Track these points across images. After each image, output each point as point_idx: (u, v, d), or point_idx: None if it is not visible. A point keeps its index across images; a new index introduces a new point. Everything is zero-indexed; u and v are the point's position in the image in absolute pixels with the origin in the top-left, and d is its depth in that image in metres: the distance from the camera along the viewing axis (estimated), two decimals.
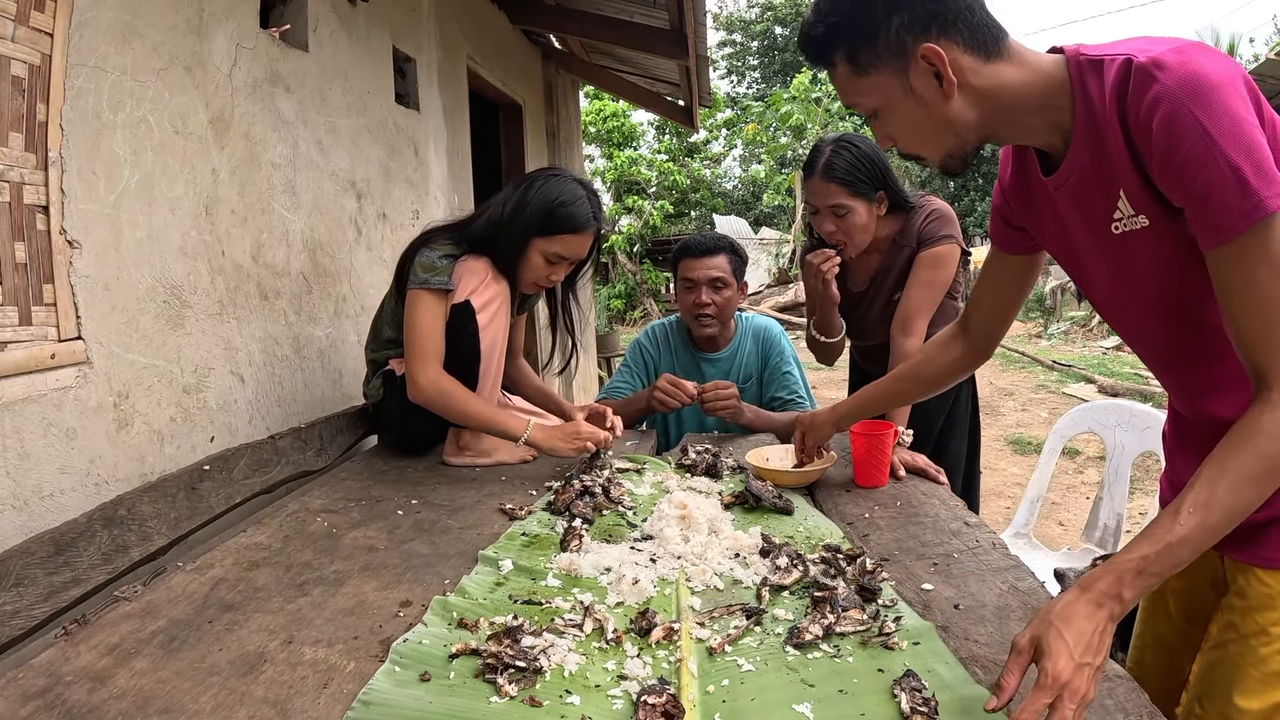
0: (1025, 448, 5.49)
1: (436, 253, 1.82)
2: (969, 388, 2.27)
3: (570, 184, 1.87)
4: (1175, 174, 0.86)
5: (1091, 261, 1.09)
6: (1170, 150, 0.84)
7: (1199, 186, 0.84)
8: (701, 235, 2.35)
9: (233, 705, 0.89)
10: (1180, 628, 1.21)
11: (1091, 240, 1.04)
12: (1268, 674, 1.00)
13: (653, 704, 0.84)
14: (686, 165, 18.91)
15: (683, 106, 6.09)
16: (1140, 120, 0.87)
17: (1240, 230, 0.82)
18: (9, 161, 1.27)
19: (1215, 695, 1.05)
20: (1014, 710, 0.79)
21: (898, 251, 2.06)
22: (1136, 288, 1.04)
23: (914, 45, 0.96)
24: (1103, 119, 0.92)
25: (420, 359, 1.77)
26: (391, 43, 2.79)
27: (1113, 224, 0.98)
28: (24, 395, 1.31)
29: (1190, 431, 1.14)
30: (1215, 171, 0.82)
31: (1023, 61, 0.99)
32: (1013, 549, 1.29)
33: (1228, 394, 1.03)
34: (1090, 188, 0.99)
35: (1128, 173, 0.92)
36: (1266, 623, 1.01)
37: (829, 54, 1.03)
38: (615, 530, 1.43)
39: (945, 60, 0.95)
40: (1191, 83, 0.82)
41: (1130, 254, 0.99)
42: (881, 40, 0.97)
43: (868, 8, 0.97)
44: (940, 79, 0.97)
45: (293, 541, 1.39)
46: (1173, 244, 0.94)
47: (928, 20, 0.96)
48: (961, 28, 0.96)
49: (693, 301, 2.27)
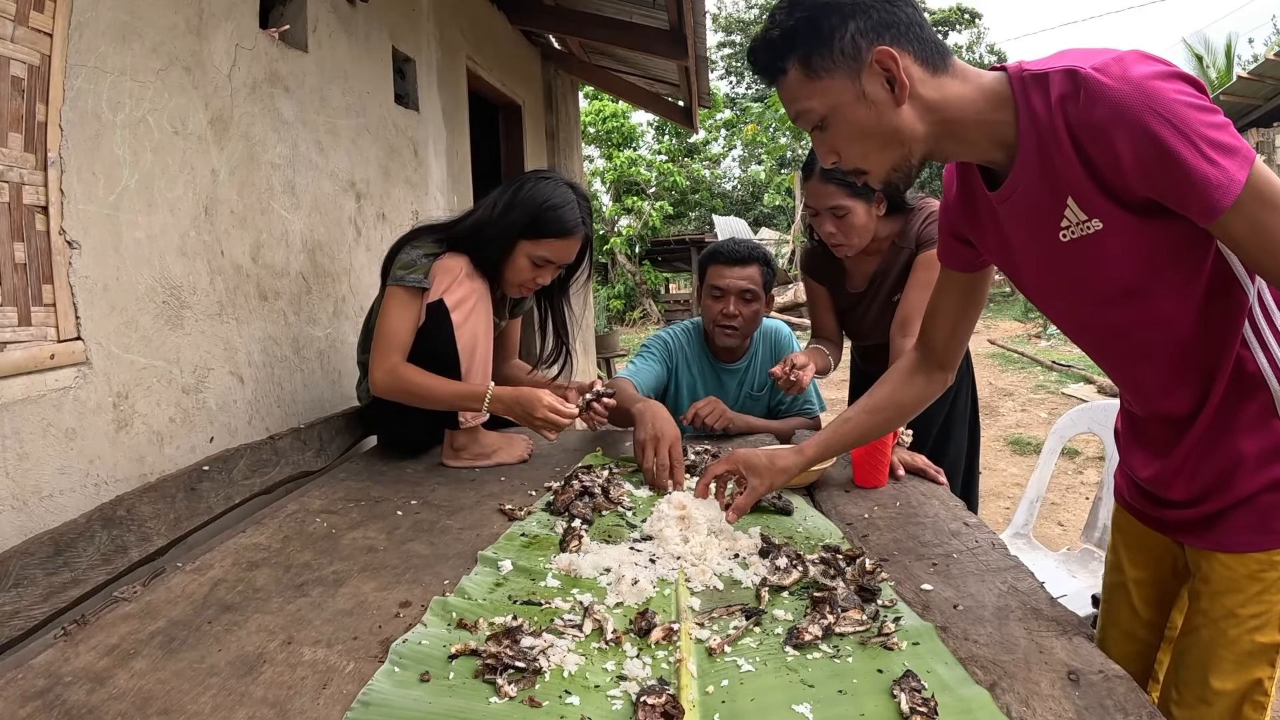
0: (1024, 448, 5.49)
1: (418, 251, 1.81)
2: (969, 388, 2.27)
3: (560, 188, 1.86)
4: (1148, 174, 0.88)
5: (1038, 271, 1.11)
6: (1143, 150, 0.87)
7: (1174, 180, 0.87)
8: (735, 243, 2.28)
9: (232, 706, 0.89)
10: (1145, 617, 1.25)
11: (1038, 250, 1.06)
12: (1240, 654, 1.04)
13: (652, 704, 0.84)
14: (686, 166, 18.92)
15: (682, 107, 6.09)
16: (1093, 127, 0.90)
17: (1226, 205, 0.86)
18: (9, 162, 1.27)
19: (1191, 680, 1.09)
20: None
21: (896, 253, 2.06)
22: (1087, 292, 1.06)
23: (868, 49, 0.99)
24: (1048, 130, 0.95)
25: (381, 353, 1.77)
26: (391, 43, 2.79)
27: (1060, 232, 1.01)
28: (23, 396, 1.30)
29: (1143, 427, 1.17)
30: (1185, 162, 0.85)
31: (966, 78, 1.02)
32: (1012, 549, 1.29)
33: (1178, 390, 1.06)
34: (1036, 199, 1.01)
35: (1078, 180, 0.95)
36: (1234, 605, 1.04)
37: (784, 58, 1.04)
38: (615, 531, 1.43)
39: (899, 63, 0.98)
40: (1140, 86, 0.86)
41: (1080, 260, 1.02)
42: (836, 44, 1.00)
43: (825, 13, 1.00)
44: (893, 84, 0.99)
45: (292, 542, 1.39)
46: (1129, 242, 0.97)
47: (881, 28, 0.99)
48: (913, 39, 1.00)
49: (720, 311, 2.22)
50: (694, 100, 5.62)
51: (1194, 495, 1.09)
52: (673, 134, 19.74)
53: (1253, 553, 1.03)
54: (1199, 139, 0.85)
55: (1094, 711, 0.83)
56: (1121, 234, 0.96)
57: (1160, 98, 0.85)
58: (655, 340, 2.41)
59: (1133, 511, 1.24)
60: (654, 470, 1.68)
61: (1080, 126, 0.91)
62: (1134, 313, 1.03)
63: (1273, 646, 1.03)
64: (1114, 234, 0.97)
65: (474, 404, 1.77)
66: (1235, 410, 1.02)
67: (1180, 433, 1.08)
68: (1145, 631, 1.25)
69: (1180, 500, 1.11)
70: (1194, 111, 0.85)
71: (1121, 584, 1.27)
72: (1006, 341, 9.97)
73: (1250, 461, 1.02)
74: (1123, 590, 1.27)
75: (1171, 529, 1.16)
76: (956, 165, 1.17)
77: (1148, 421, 1.15)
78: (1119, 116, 0.87)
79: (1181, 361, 1.04)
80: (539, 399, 1.75)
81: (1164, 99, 0.85)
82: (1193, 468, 1.08)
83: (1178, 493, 1.11)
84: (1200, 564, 1.10)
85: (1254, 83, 10.33)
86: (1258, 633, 1.03)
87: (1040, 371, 8.30)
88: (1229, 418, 1.03)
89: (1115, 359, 1.14)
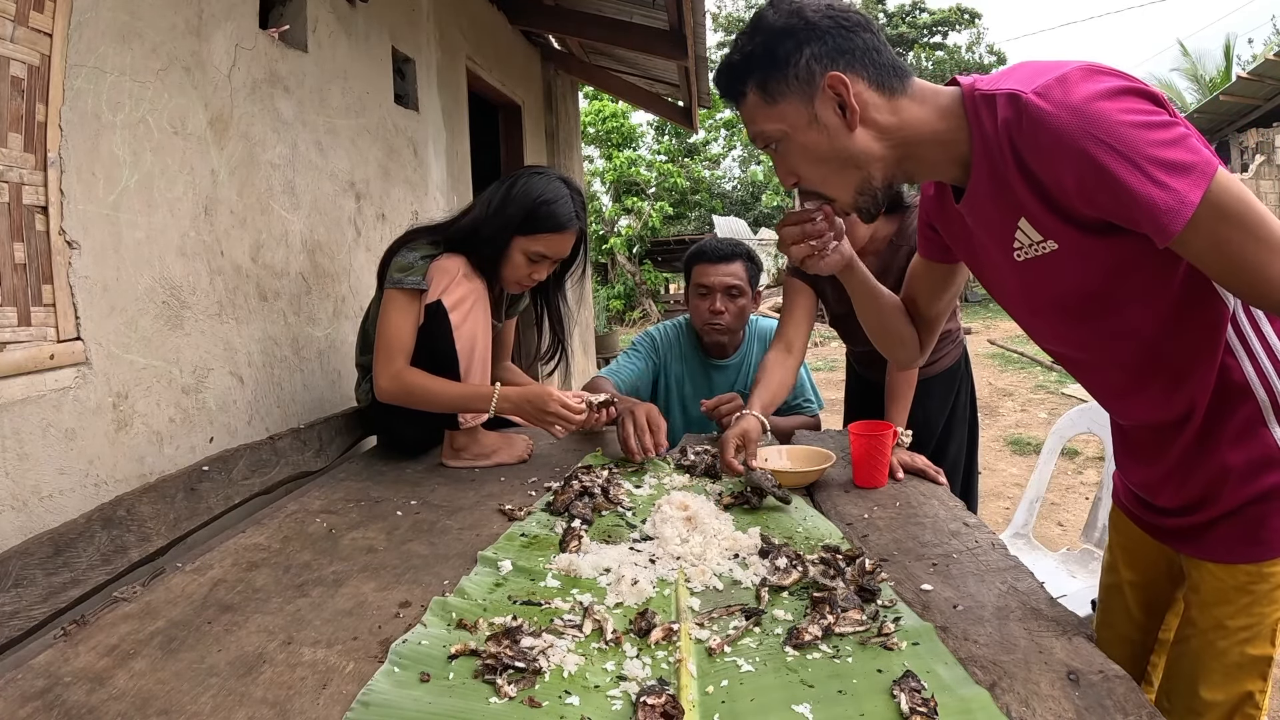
0: (1024, 448, 5.49)
1: (415, 253, 1.81)
2: (968, 388, 2.27)
3: (554, 182, 1.86)
4: (1099, 198, 0.86)
5: (1001, 285, 1.11)
6: (1086, 178, 0.85)
7: (1123, 205, 0.85)
8: (717, 241, 2.32)
9: (232, 706, 0.89)
10: (1139, 621, 1.25)
11: (1000, 263, 1.06)
12: (1229, 666, 1.03)
13: (652, 705, 0.84)
14: (686, 166, 18.91)
15: (682, 107, 6.10)
16: (1038, 151, 0.89)
17: (1178, 229, 0.83)
18: (8, 162, 1.27)
19: (1181, 690, 1.08)
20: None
21: (894, 252, 2.06)
22: (1048, 307, 1.06)
23: (821, 75, 1.00)
24: (997, 152, 0.94)
25: (384, 358, 1.77)
26: (391, 43, 2.79)
27: (1014, 252, 1.01)
28: (23, 396, 1.30)
29: (1130, 434, 1.16)
30: (1129, 188, 0.83)
31: (924, 99, 1.02)
32: (1012, 549, 1.29)
33: (1158, 401, 1.05)
34: (991, 217, 1.02)
35: (1029, 202, 0.94)
36: (1222, 616, 1.04)
37: (743, 82, 1.06)
38: (614, 531, 1.43)
39: (849, 89, 0.99)
40: (1079, 111, 0.84)
41: (1035, 278, 1.02)
42: (791, 69, 1.01)
43: (782, 39, 1.01)
44: (844, 110, 1.00)
45: (292, 542, 1.39)
46: (1085, 263, 0.96)
47: (836, 55, 1.00)
48: (868, 64, 1.01)
49: (707, 309, 2.24)
50: (694, 100, 5.62)
51: (1183, 504, 1.08)
52: (672, 134, 19.73)
53: (1242, 564, 1.02)
54: (1145, 161, 0.82)
55: (1094, 711, 0.83)
56: (1078, 254, 0.95)
57: (1101, 121, 0.83)
58: (643, 338, 2.43)
59: (1128, 514, 1.24)
60: (632, 434, 1.75)
61: (1025, 151, 0.90)
62: (1102, 325, 1.02)
63: (1264, 659, 1.02)
64: (1070, 255, 0.96)
65: (481, 405, 1.77)
66: (1222, 420, 1.01)
67: (1167, 441, 1.07)
68: (1139, 634, 1.25)
69: (1170, 508, 1.11)
70: (1140, 131, 0.82)
71: (1117, 585, 1.27)
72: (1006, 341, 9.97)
73: (1238, 472, 1.00)
74: (1118, 592, 1.27)
75: (1164, 535, 1.15)
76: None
77: (1134, 429, 1.14)
78: (1058, 144, 0.85)
79: (1157, 372, 1.03)
80: (550, 394, 1.76)
81: (1105, 122, 0.82)
82: (1181, 477, 1.07)
83: (1167, 500, 1.10)
84: (1191, 572, 1.09)
85: (1254, 83, 10.34)
86: (1248, 645, 1.02)
87: (1040, 371, 8.30)
88: (1216, 427, 1.01)
89: (1089, 372, 1.13)
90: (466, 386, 1.80)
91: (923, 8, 23.19)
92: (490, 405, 1.76)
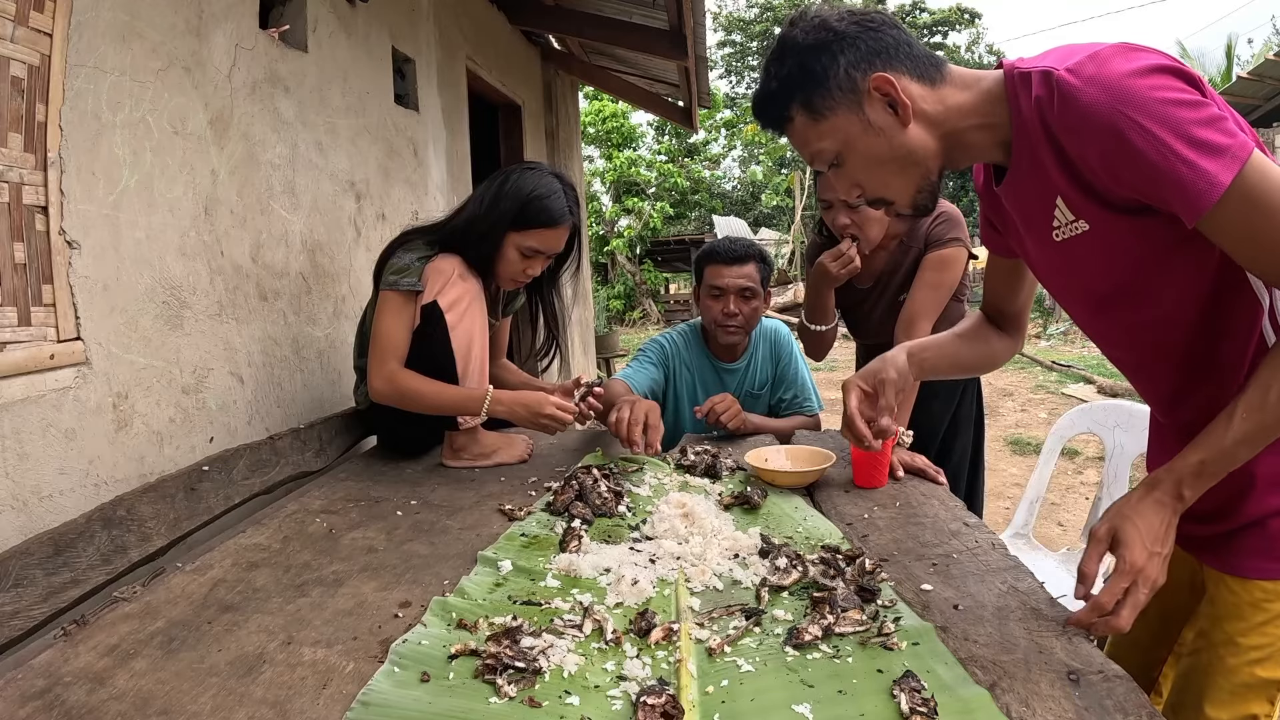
0: (1024, 448, 5.49)
1: (410, 255, 1.81)
2: (974, 388, 2.27)
3: (546, 177, 1.86)
4: (1126, 176, 0.86)
5: (1045, 268, 1.10)
6: (1113, 155, 0.85)
7: (1152, 183, 0.84)
8: (730, 242, 2.28)
9: (232, 706, 0.89)
10: (1155, 627, 1.22)
11: (1039, 248, 1.06)
12: (1236, 685, 1.01)
13: (652, 705, 0.84)
14: (686, 166, 18.92)
15: (682, 107, 6.10)
16: (1070, 130, 0.88)
17: (1206, 207, 0.82)
18: (8, 162, 1.27)
19: (1187, 704, 1.06)
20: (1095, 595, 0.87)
21: (905, 252, 2.06)
22: (1085, 290, 1.05)
23: (864, 79, 0.99)
24: (1033, 130, 0.94)
25: (378, 360, 1.77)
26: (391, 43, 2.79)
27: (1053, 231, 1.00)
28: (23, 396, 1.30)
29: (1163, 432, 1.14)
30: (1157, 166, 0.82)
31: (965, 84, 1.01)
32: (1012, 549, 1.28)
33: (1190, 396, 1.03)
34: (1031, 198, 1.01)
35: (1062, 181, 0.94)
36: (1234, 633, 1.01)
37: (786, 108, 1.05)
38: (614, 531, 1.43)
39: (897, 86, 0.98)
40: (1111, 87, 0.83)
41: (1074, 259, 1.01)
42: (833, 82, 1.00)
43: (816, 54, 1.00)
44: (895, 107, 0.99)
45: (292, 542, 1.39)
46: (1116, 244, 0.95)
47: (872, 57, 0.99)
48: (905, 59, 1.00)
49: (721, 310, 2.22)
50: (694, 100, 5.62)
51: (1206, 511, 1.05)
52: (673, 134, 19.74)
53: (1259, 580, 1.00)
54: (1175, 138, 0.80)
55: (1094, 711, 0.83)
56: (1109, 234, 0.94)
57: (1134, 98, 0.82)
58: (652, 344, 2.42)
59: None
60: (625, 425, 1.73)
61: (1057, 129, 0.90)
62: (1136, 313, 1.01)
63: (1273, 683, 1.00)
64: (1101, 235, 0.95)
65: (473, 408, 1.77)
66: None
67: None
68: (1152, 641, 1.22)
69: (1198, 513, 1.07)
70: (1175, 109, 0.81)
71: None
72: None
73: (1262, 483, 0.98)
74: None
75: (1189, 543, 1.12)
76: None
77: (1167, 427, 1.12)
78: (1086, 121, 0.85)
79: (1192, 365, 1.00)
80: (545, 398, 1.77)
81: (1138, 99, 0.81)
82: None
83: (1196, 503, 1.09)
84: (1210, 585, 1.07)
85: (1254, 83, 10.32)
86: (1258, 666, 1.00)
87: (1040, 371, 8.29)
88: None
89: (1126, 360, 1.11)
90: (459, 390, 1.80)
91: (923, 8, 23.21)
92: (482, 409, 1.76)
